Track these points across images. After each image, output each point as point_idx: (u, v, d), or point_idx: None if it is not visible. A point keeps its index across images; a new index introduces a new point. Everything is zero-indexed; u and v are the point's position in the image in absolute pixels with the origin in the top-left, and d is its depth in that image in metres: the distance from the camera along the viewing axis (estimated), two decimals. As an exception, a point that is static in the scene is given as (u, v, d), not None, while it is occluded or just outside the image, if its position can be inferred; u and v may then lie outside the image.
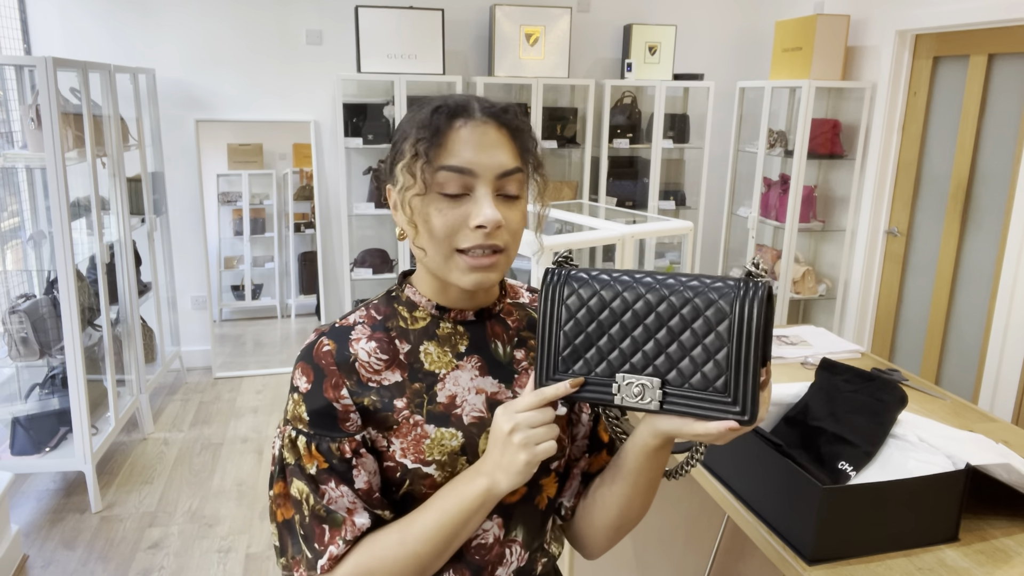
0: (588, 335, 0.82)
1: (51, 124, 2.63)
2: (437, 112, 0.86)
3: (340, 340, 0.90)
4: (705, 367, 0.77)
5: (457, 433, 0.89)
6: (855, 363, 1.90)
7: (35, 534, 2.79)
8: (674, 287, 0.79)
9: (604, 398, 0.81)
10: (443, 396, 0.90)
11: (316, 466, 0.86)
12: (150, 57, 4.05)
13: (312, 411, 0.87)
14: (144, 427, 3.63)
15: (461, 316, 0.94)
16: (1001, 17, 3.11)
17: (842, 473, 1.26)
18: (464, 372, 0.92)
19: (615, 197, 4.65)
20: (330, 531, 0.86)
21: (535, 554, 0.96)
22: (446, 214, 0.85)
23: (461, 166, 0.84)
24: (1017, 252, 3.05)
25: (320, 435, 0.86)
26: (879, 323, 4.02)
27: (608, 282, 0.82)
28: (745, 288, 0.76)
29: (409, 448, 0.88)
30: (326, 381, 0.87)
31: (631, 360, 0.80)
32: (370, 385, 0.88)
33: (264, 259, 4.96)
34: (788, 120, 4.42)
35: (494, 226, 0.84)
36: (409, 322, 0.93)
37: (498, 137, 0.86)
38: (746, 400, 0.75)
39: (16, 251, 3.22)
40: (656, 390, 0.79)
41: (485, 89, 4.27)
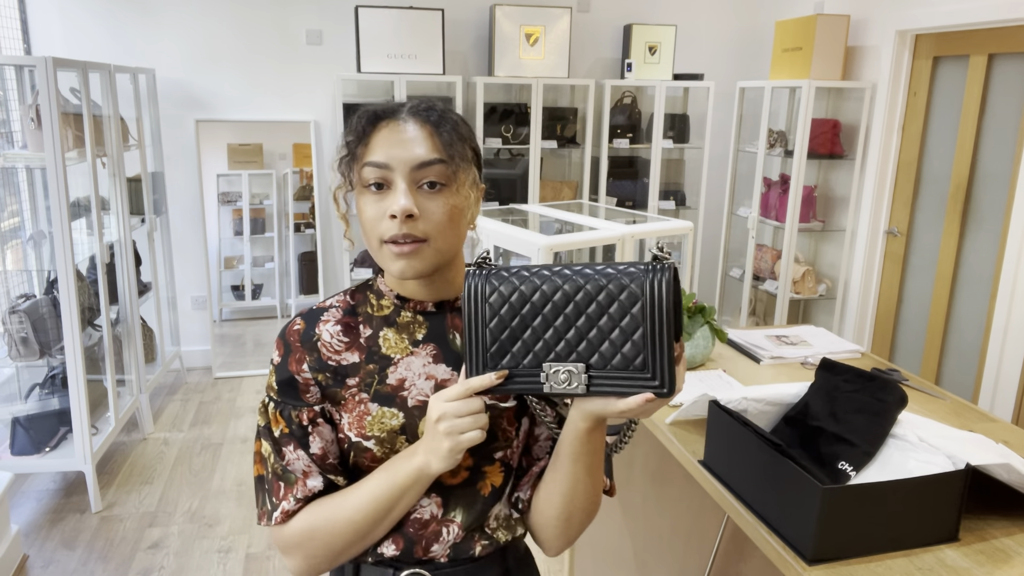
0: (512, 330, 0.86)
1: (51, 124, 2.63)
2: (363, 116, 0.95)
3: (310, 321, 0.99)
4: (624, 348, 0.82)
5: (398, 413, 0.96)
6: (855, 363, 1.90)
7: (35, 534, 2.79)
8: (589, 276, 0.83)
9: (533, 388, 0.85)
10: (393, 379, 0.98)
11: (280, 430, 0.97)
12: (150, 57, 4.05)
13: (279, 381, 0.97)
14: (144, 427, 3.63)
15: (421, 307, 1.01)
16: (1001, 17, 3.11)
17: (842, 473, 1.26)
18: (417, 359, 0.99)
19: (615, 197, 4.65)
20: (285, 488, 0.96)
21: (473, 534, 1.00)
22: (372, 206, 0.93)
23: (378, 161, 0.91)
24: (1017, 252, 3.05)
25: (284, 403, 0.97)
26: (879, 323, 4.02)
27: (527, 277, 0.86)
28: (653, 270, 0.82)
29: (353, 423, 0.97)
30: (291, 356, 0.97)
31: (555, 349, 0.85)
32: (328, 363, 0.98)
33: (264, 259, 4.96)
34: (788, 120, 4.42)
35: (403, 214, 0.89)
36: (375, 309, 1.02)
37: (418, 133, 0.92)
38: (663, 374, 0.81)
39: (16, 251, 3.22)
40: (582, 375, 0.83)
41: (485, 89, 4.27)
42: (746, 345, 2.01)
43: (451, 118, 0.95)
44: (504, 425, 1.00)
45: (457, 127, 0.95)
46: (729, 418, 1.31)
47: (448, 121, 0.94)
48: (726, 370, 1.84)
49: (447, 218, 0.93)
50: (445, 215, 0.92)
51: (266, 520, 0.98)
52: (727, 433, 1.33)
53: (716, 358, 1.93)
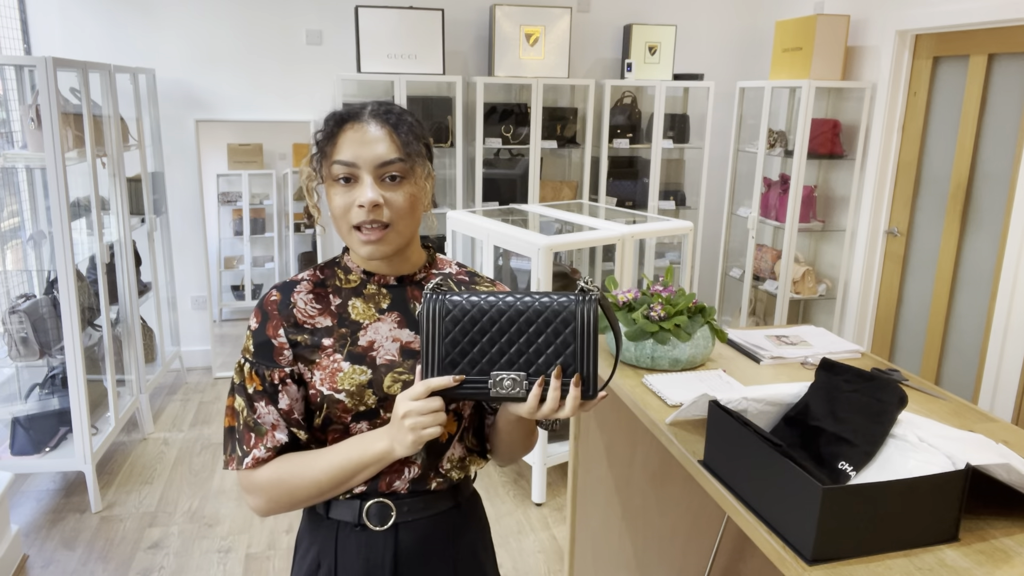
0: (463, 346, 1.01)
1: (51, 124, 2.63)
2: (330, 118, 1.10)
3: (285, 292, 1.14)
4: (559, 360, 1.01)
5: (367, 370, 1.11)
6: (855, 363, 1.90)
7: (35, 534, 2.79)
8: (529, 303, 1.01)
9: (481, 393, 1.02)
10: (363, 341, 1.13)
11: (254, 387, 1.10)
12: (150, 57, 4.05)
13: (256, 344, 1.11)
14: (144, 427, 3.63)
15: (384, 280, 1.17)
16: (1001, 17, 3.11)
17: (842, 473, 1.26)
18: (384, 324, 1.14)
19: (615, 197, 4.65)
20: (256, 438, 1.10)
21: (429, 472, 1.16)
22: (342, 197, 1.08)
23: (346, 160, 1.07)
24: (1017, 252, 3.05)
25: (259, 363, 1.10)
26: (879, 323, 4.02)
27: (477, 302, 1.02)
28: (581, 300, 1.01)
29: (326, 379, 1.10)
30: (269, 323, 1.11)
31: (500, 362, 1.01)
32: (305, 327, 1.12)
33: (264, 259, 4.96)
34: (788, 120, 4.42)
35: (371, 204, 1.05)
36: (343, 282, 1.17)
37: (379, 133, 1.07)
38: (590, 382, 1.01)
39: (16, 251, 3.22)
40: (524, 382, 1.01)
41: (485, 89, 4.27)
42: (746, 345, 2.01)
43: (407, 119, 1.10)
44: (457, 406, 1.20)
45: (412, 127, 1.10)
46: (729, 418, 1.31)
47: (404, 122, 1.09)
48: (726, 370, 1.84)
49: (407, 205, 1.09)
50: (405, 203, 1.09)
51: (236, 464, 1.11)
52: (727, 433, 1.33)
53: (716, 358, 1.93)
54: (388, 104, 1.12)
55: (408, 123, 1.10)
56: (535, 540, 2.83)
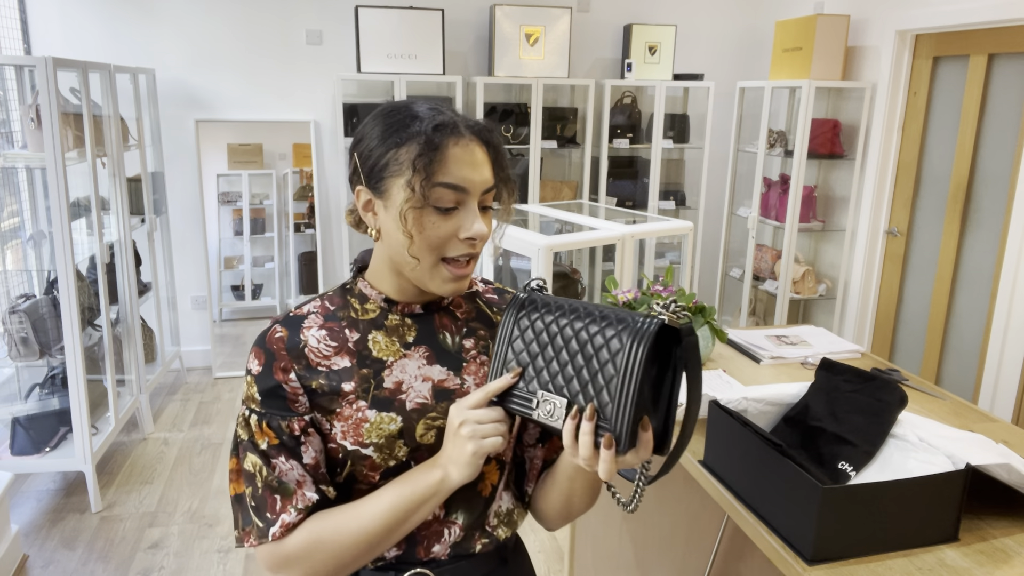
0: (527, 352, 0.89)
1: (51, 124, 2.63)
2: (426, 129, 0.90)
3: (292, 327, 0.97)
4: (600, 395, 0.82)
5: (396, 418, 0.95)
6: (855, 363, 1.90)
7: (35, 534, 2.79)
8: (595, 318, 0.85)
9: (525, 411, 0.88)
10: (390, 382, 0.96)
11: (267, 442, 0.93)
12: (150, 57, 4.05)
13: (263, 391, 0.93)
14: (144, 427, 3.63)
15: (409, 309, 1.01)
16: (1001, 17, 3.11)
17: (842, 473, 1.26)
18: (411, 360, 0.98)
19: (615, 197, 4.65)
20: (282, 500, 0.92)
21: (473, 532, 1.01)
22: (439, 226, 0.91)
23: (456, 184, 0.90)
24: (1017, 252, 3.05)
25: (271, 413, 0.93)
26: (879, 323, 4.02)
27: (552, 307, 0.89)
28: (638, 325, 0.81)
29: (349, 431, 0.94)
30: (276, 364, 0.94)
31: (552, 380, 0.86)
32: (319, 369, 0.95)
33: (264, 259, 4.96)
34: (788, 120, 4.42)
35: (483, 240, 0.93)
36: (360, 313, 1.00)
37: (483, 156, 0.93)
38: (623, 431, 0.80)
39: (16, 251, 3.21)
40: (561, 409, 0.84)
41: (485, 89, 4.27)
42: (746, 345, 2.01)
43: (500, 141, 0.98)
44: None
45: (503, 149, 0.98)
46: (729, 418, 1.31)
47: (500, 144, 0.97)
48: (726, 370, 1.84)
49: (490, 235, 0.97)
50: (490, 232, 0.97)
51: (256, 538, 0.93)
52: (727, 433, 1.33)
53: (716, 358, 1.93)
54: (477, 121, 0.96)
55: (502, 142, 0.98)
56: (535, 540, 2.83)
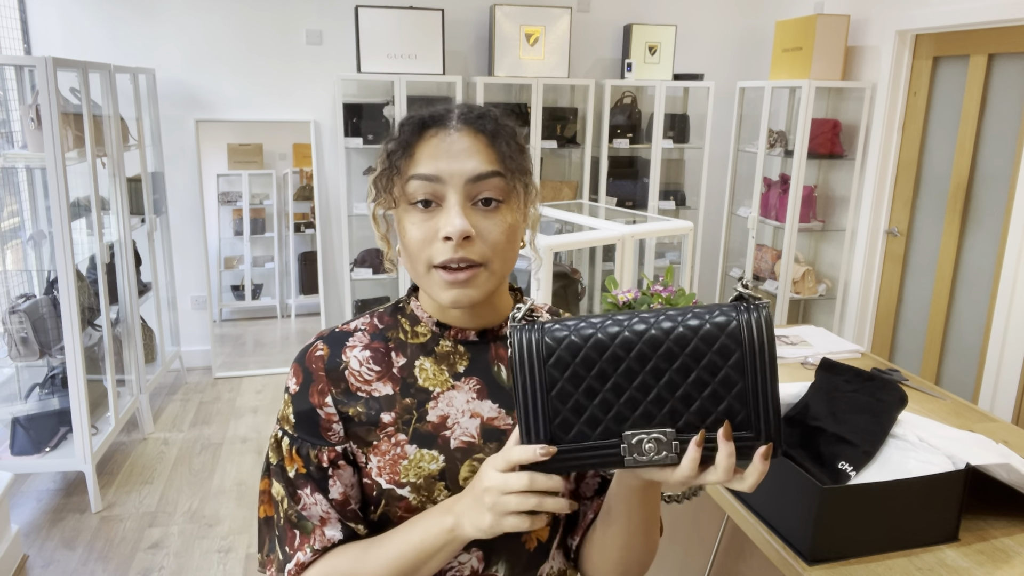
0: (579, 399, 0.72)
1: (51, 124, 2.63)
2: (407, 123, 0.84)
3: (334, 346, 0.88)
4: (720, 408, 0.70)
5: (439, 456, 0.85)
6: (855, 363, 1.90)
7: (35, 534, 2.79)
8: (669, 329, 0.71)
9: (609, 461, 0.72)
10: (434, 415, 0.86)
11: (295, 470, 0.86)
12: (150, 57, 4.05)
13: (297, 413, 0.87)
14: (144, 427, 3.63)
15: (462, 335, 0.90)
16: (1001, 17, 3.11)
17: (842, 473, 1.26)
18: (460, 393, 0.88)
19: (615, 197, 4.65)
20: (300, 537, 0.86)
21: None
22: (419, 227, 0.82)
23: (426, 173, 0.81)
24: (1017, 252, 3.05)
25: (302, 439, 0.86)
26: (879, 323, 4.02)
27: (593, 335, 0.72)
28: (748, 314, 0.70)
29: (385, 467, 0.85)
30: (313, 386, 0.86)
31: (633, 416, 0.71)
32: (359, 395, 0.86)
33: (264, 259, 4.96)
34: (788, 120, 4.42)
35: (460, 236, 0.79)
36: (409, 336, 0.90)
37: (472, 143, 0.82)
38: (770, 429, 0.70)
39: (16, 251, 3.21)
40: (672, 442, 0.71)
41: (485, 89, 4.27)
42: (746, 345, 2.00)
43: (507, 126, 0.85)
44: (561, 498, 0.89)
45: (515, 136, 0.85)
46: (729, 418, 1.31)
47: (505, 130, 0.84)
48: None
49: (505, 239, 0.82)
50: (503, 235, 0.82)
51: (275, 569, 0.88)
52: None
53: (716, 358, 1.93)
54: (481, 107, 0.86)
55: (510, 131, 0.85)
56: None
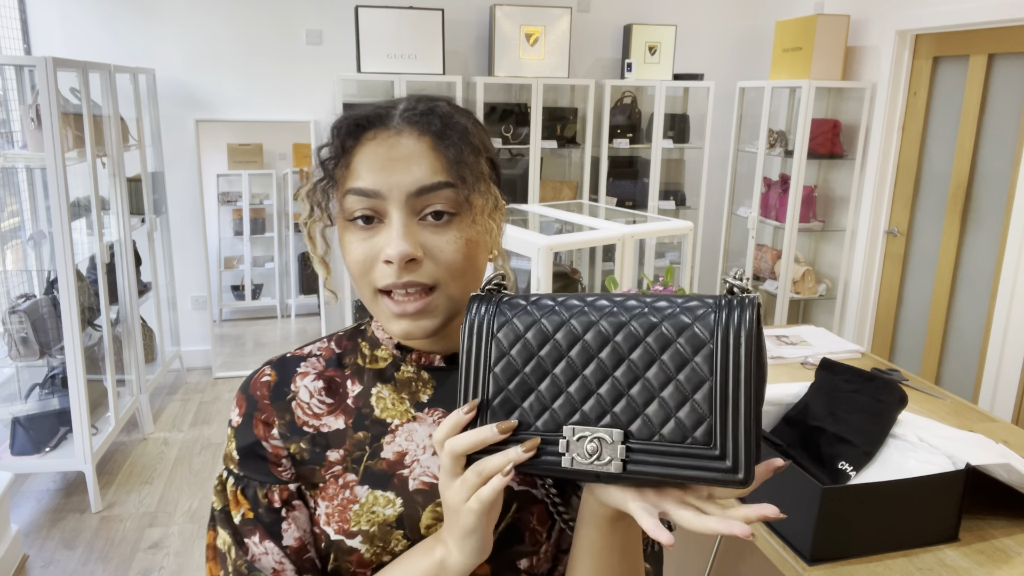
0: (525, 378, 0.62)
1: (51, 124, 2.63)
2: (342, 126, 0.73)
3: (283, 372, 0.78)
4: (680, 412, 0.58)
5: (395, 500, 0.73)
6: (855, 363, 1.90)
7: (35, 534, 2.79)
8: (635, 310, 0.60)
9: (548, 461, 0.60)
10: (390, 451, 0.75)
11: (242, 514, 0.74)
12: (150, 57, 4.05)
13: (241, 448, 0.75)
14: (144, 427, 3.63)
15: (426, 360, 0.78)
16: (1001, 17, 3.11)
17: (842, 473, 1.26)
18: (422, 426, 0.76)
19: (615, 197, 4.65)
20: None
21: None
22: (360, 246, 0.71)
23: (364, 188, 0.70)
24: (1017, 252, 3.05)
25: (248, 478, 0.74)
26: (879, 323, 4.02)
27: (551, 308, 0.63)
28: (729, 306, 0.58)
29: (334, 514, 0.73)
30: (257, 415, 0.76)
31: (582, 408, 0.60)
32: (304, 430, 0.75)
33: (264, 259, 4.96)
34: (788, 120, 4.42)
35: (401, 260, 0.68)
36: (368, 360, 0.80)
37: (416, 147, 0.70)
38: (738, 452, 0.56)
39: (16, 251, 3.22)
40: (617, 445, 0.58)
41: (485, 89, 4.27)
42: (746, 345, 2.01)
43: (459, 124, 0.72)
44: (534, 523, 0.75)
45: (468, 135, 0.72)
46: (729, 418, 1.31)
47: (455, 129, 0.72)
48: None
49: (461, 256, 0.71)
50: (459, 253, 0.71)
51: None
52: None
53: (716, 358, 1.93)
54: (429, 100, 0.74)
55: (461, 129, 0.72)
56: None
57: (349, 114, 0.73)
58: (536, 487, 0.75)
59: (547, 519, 0.76)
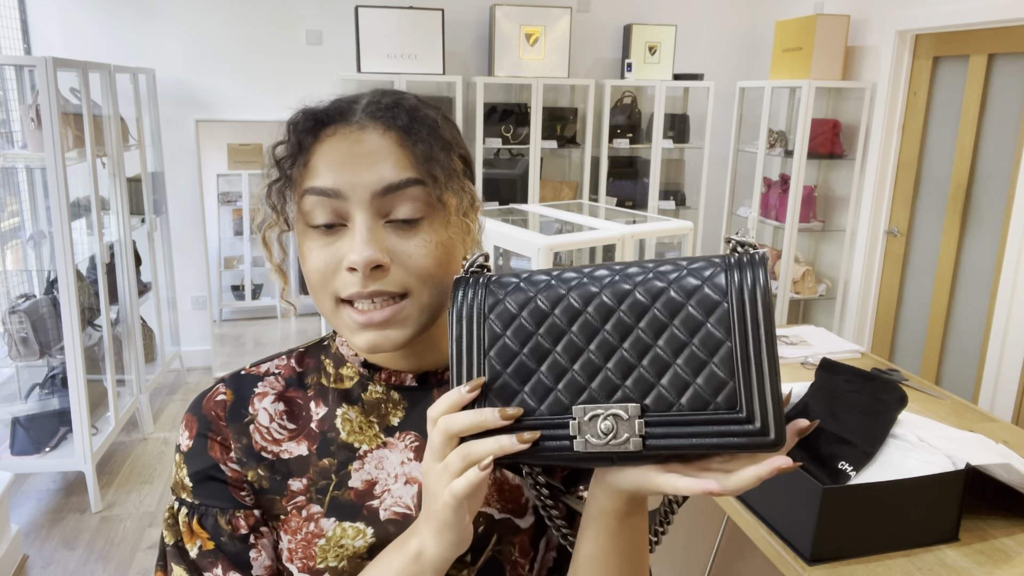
0: (524, 360, 0.57)
1: (51, 124, 2.63)
2: (299, 121, 0.67)
3: (240, 391, 0.73)
4: (699, 378, 0.53)
5: (365, 530, 0.67)
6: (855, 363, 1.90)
7: (35, 534, 2.79)
8: (639, 276, 0.56)
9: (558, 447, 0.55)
10: (358, 479, 0.69)
11: (199, 547, 0.67)
12: (150, 57, 4.05)
13: (195, 474, 0.69)
14: (144, 427, 3.63)
15: (397, 379, 0.72)
16: (1001, 17, 3.11)
17: (842, 473, 1.26)
18: (393, 452, 0.70)
19: (615, 197, 4.65)
20: None
21: None
22: (319, 252, 0.65)
23: (323, 187, 0.64)
24: (1017, 252, 3.05)
25: (206, 506, 0.67)
26: (879, 323, 4.02)
27: (546, 283, 0.58)
28: (740, 264, 0.54)
29: (297, 550, 0.67)
30: (212, 437, 0.70)
31: (590, 386, 0.55)
32: (262, 455, 0.69)
33: (264, 259, 4.95)
34: (788, 120, 4.42)
35: (366, 267, 0.62)
36: (332, 379, 0.73)
37: (381, 143, 0.64)
38: (766, 413, 0.52)
39: (16, 251, 3.22)
40: (635, 420, 0.53)
41: (485, 89, 4.27)
42: (746, 345, 2.01)
43: (427, 118, 0.67)
44: (516, 556, 0.70)
45: (437, 130, 0.67)
46: (729, 418, 1.31)
47: (423, 124, 0.66)
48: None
49: (432, 262, 0.65)
50: (429, 259, 0.65)
51: None
52: (727, 433, 1.33)
53: (716, 358, 1.93)
54: (395, 94, 0.68)
55: (430, 124, 0.67)
56: None
57: (307, 108, 0.67)
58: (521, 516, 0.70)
59: (529, 550, 0.71)
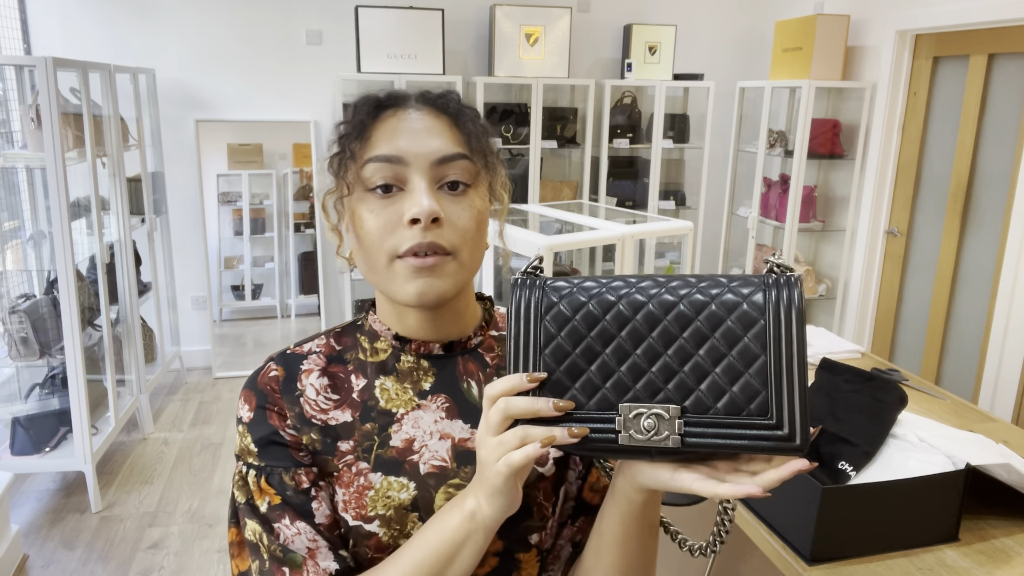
0: (576, 360, 0.64)
1: (51, 124, 2.63)
2: (362, 104, 0.78)
3: (290, 368, 0.81)
4: (735, 387, 0.60)
5: (408, 484, 0.76)
6: (855, 363, 1.90)
7: (35, 534, 2.79)
8: (683, 291, 0.63)
9: (603, 440, 0.62)
10: (398, 439, 0.78)
11: (268, 502, 0.75)
12: (150, 57, 4.05)
13: (259, 440, 0.77)
14: (144, 427, 3.63)
15: (425, 349, 0.82)
16: (1001, 17, 3.11)
17: (842, 473, 1.26)
18: (427, 413, 0.80)
19: (615, 197, 4.65)
20: (290, 573, 0.73)
21: None
22: (379, 213, 0.74)
23: (387, 154, 0.74)
24: (1017, 252, 3.05)
25: (271, 466, 0.76)
26: (879, 323, 4.02)
27: (598, 291, 0.64)
28: (777, 285, 0.61)
29: (351, 501, 0.76)
30: (269, 408, 0.78)
31: (635, 387, 0.62)
32: (313, 422, 0.78)
33: (264, 259, 4.96)
34: (788, 120, 4.42)
35: (428, 217, 0.72)
36: (368, 354, 0.82)
37: (434, 123, 0.77)
38: (794, 421, 0.59)
39: (16, 251, 3.21)
40: (675, 420, 0.61)
41: (485, 89, 4.27)
42: (746, 345, 2.01)
43: (470, 109, 0.80)
44: (540, 499, 0.80)
45: (478, 119, 0.80)
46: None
47: (468, 112, 0.79)
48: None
49: (474, 224, 0.76)
50: (472, 221, 0.76)
51: None
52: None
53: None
54: (442, 90, 0.81)
55: (473, 113, 0.80)
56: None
57: (367, 94, 0.79)
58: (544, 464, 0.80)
59: (551, 495, 0.81)
